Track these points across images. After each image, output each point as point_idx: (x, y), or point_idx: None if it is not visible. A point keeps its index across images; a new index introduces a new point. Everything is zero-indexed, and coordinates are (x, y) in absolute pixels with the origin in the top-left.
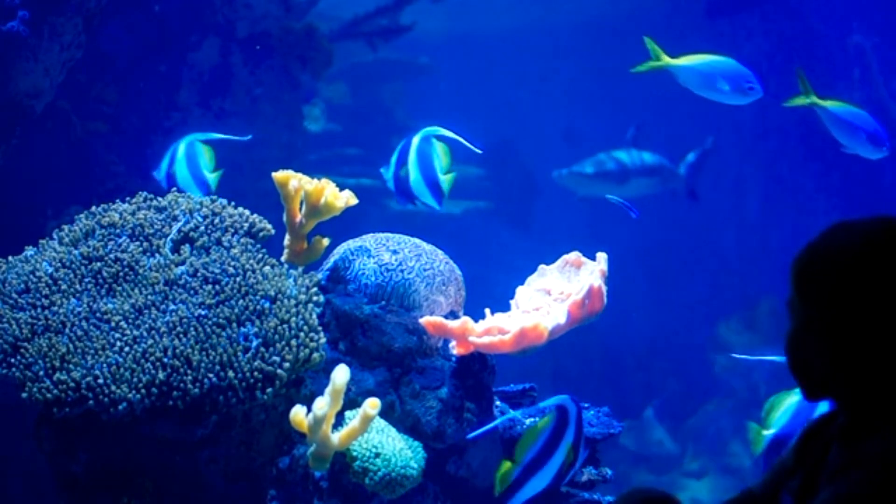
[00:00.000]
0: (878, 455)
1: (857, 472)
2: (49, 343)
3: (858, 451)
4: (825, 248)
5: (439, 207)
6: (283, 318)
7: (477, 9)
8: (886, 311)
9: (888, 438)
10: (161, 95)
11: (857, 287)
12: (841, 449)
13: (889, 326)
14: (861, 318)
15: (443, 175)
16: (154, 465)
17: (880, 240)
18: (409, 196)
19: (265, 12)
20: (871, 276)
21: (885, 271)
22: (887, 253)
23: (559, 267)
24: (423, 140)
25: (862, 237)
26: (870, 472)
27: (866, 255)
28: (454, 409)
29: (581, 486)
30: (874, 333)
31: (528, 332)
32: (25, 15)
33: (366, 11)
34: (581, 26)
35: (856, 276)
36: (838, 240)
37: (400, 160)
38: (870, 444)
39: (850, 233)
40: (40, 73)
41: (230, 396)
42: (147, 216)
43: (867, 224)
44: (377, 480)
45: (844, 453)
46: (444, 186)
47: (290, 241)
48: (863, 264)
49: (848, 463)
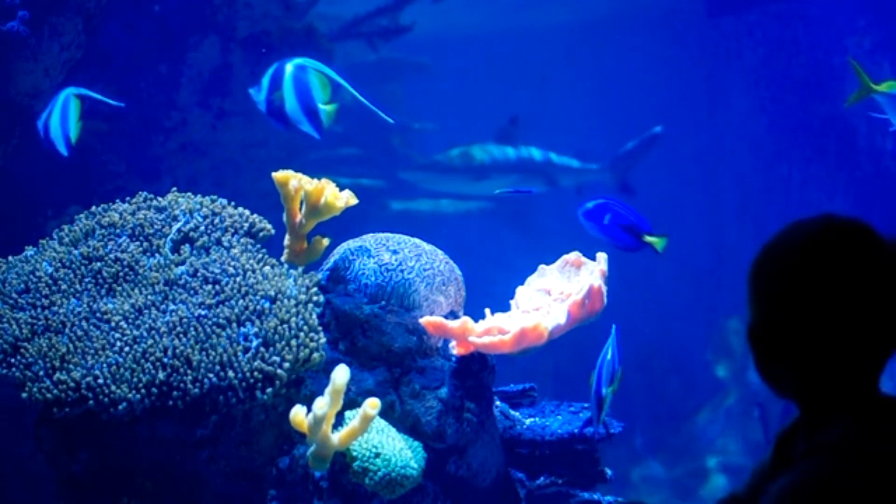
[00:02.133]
0: (829, 444)
1: (808, 461)
2: (49, 343)
3: (813, 441)
4: (773, 246)
5: (318, 136)
6: (283, 318)
7: (477, 9)
8: (827, 306)
9: (840, 427)
10: (161, 95)
11: (797, 283)
12: (802, 443)
13: (829, 319)
14: (803, 314)
15: (323, 104)
16: (154, 464)
17: (821, 238)
18: (283, 121)
19: (265, 12)
20: (809, 273)
21: (822, 269)
22: (826, 251)
23: (559, 267)
24: (298, 68)
25: (805, 236)
26: (820, 459)
27: (806, 254)
28: (454, 409)
29: (581, 486)
30: (818, 329)
31: (528, 332)
32: (25, 15)
33: (366, 11)
34: (582, 26)
35: (795, 273)
36: (785, 239)
37: (273, 84)
38: (823, 434)
39: (796, 232)
40: (40, 73)
41: (230, 396)
42: (147, 216)
43: (811, 223)
44: (377, 480)
45: (802, 445)
46: (323, 116)
47: (290, 241)
48: (802, 262)
49: (803, 453)
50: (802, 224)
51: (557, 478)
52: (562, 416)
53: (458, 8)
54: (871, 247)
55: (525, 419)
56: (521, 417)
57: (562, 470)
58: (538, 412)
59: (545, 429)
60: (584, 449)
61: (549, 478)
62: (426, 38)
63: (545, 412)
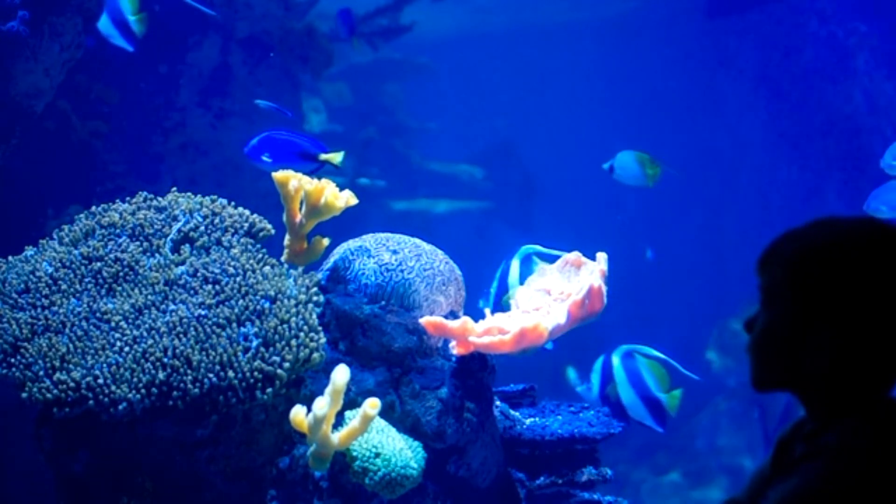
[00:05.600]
0: (834, 445)
1: (816, 462)
2: (49, 343)
3: (817, 442)
4: (819, 246)
5: (131, 49)
6: (283, 318)
7: (478, 9)
8: (881, 309)
9: (848, 429)
10: (161, 95)
11: (870, 284)
12: (804, 446)
13: (879, 322)
14: (871, 315)
15: (133, 16)
16: (154, 465)
17: (880, 239)
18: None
19: (265, 12)
20: (878, 276)
21: (887, 271)
22: (890, 253)
23: (559, 267)
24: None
25: (865, 236)
26: (828, 460)
27: (877, 253)
28: (454, 409)
29: (581, 486)
30: (879, 331)
31: (528, 332)
32: (25, 15)
33: (366, 11)
34: (581, 26)
35: (869, 273)
36: (834, 239)
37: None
38: (827, 437)
39: (849, 233)
40: (40, 73)
41: (230, 396)
42: (147, 216)
43: (857, 224)
44: (377, 480)
45: (804, 449)
46: (134, 26)
47: (290, 241)
48: (875, 261)
49: (806, 455)
50: (849, 225)
51: (557, 478)
52: (562, 416)
53: (458, 8)
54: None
55: (525, 419)
56: (521, 417)
57: (562, 470)
58: (538, 412)
59: (545, 429)
60: (583, 449)
61: (549, 478)
62: (426, 39)
63: (545, 412)
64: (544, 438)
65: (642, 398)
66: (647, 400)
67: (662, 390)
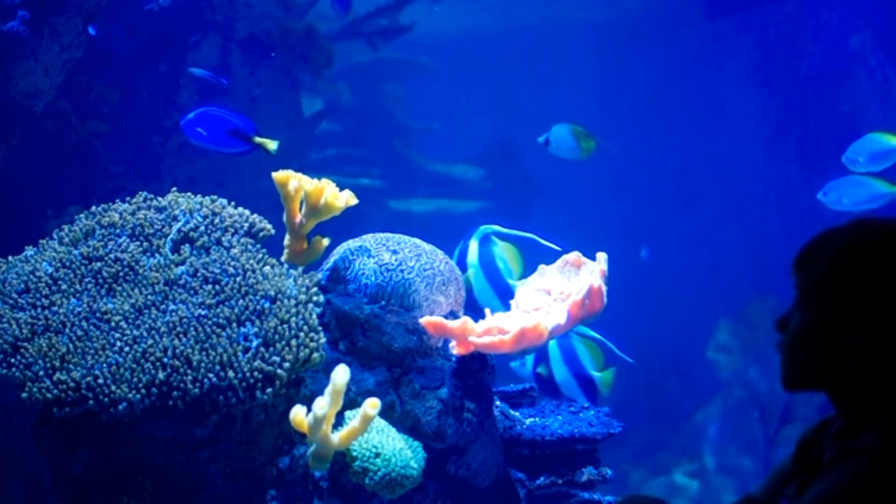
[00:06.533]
0: (872, 444)
1: (850, 463)
2: (49, 343)
3: (852, 444)
4: (863, 241)
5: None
6: (283, 318)
7: (477, 9)
8: None
9: (884, 430)
10: (161, 95)
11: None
12: (834, 448)
13: None
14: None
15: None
16: (154, 464)
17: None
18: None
19: (265, 12)
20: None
21: None
22: None
23: (559, 267)
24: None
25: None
26: (864, 461)
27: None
28: (454, 409)
29: (581, 486)
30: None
31: (528, 332)
32: (25, 15)
33: (366, 11)
34: (582, 26)
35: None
36: (879, 235)
37: None
38: (865, 437)
39: (891, 230)
40: (40, 73)
41: (230, 396)
42: (147, 216)
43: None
44: (377, 480)
45: (837, 449)
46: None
47: (290, 241)
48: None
49: (840, 455)
50: (888, 225)
51: (557, 478)
52: (562, 416)
53: (459, 8)
54: None
55: (525, 419)
56: (521, 417)
57: (562, 470)
58: (538, 412)
59: (545, 429)
60: (584, 449)
61: (549, 478)
62: (426, 39)
63: (545, 412)
64: (544, 438)
65: (575, 375)
66: (580, 377)
67: (596, 369)
